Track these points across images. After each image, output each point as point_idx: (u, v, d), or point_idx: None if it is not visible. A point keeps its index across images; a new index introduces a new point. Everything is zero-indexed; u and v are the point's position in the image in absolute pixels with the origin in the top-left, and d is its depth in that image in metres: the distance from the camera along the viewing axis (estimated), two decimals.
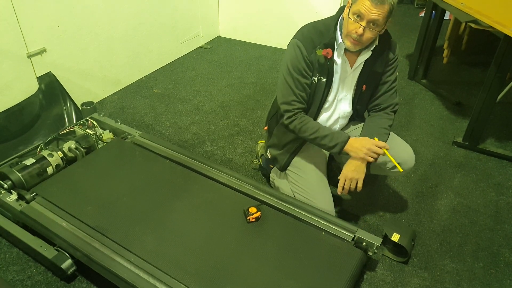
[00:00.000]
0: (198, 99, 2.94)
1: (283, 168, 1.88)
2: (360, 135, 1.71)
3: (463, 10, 2.43)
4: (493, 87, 2.26)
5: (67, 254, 1.55)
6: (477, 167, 2.34)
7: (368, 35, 1.49)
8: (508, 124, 2.75)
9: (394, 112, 1.78)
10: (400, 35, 4.25)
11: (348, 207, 2.02)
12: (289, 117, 1.68)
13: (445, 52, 3.60)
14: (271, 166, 2.04)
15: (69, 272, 1.53)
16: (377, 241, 1.61)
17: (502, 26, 2.07)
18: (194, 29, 3.65)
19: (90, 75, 2.72)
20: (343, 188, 1.67)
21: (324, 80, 1.64)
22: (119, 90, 3.01)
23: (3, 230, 1.71)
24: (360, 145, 1.62)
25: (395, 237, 1.67)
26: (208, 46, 3.79)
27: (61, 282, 1.60)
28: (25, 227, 1.70)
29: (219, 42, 3.92)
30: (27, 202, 1.73)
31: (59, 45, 2.44)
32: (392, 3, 1.44)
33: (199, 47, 3.77)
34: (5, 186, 1.78)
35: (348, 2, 1.53)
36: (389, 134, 1.74)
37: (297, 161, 1.84)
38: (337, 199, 2.06)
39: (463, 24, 3.60)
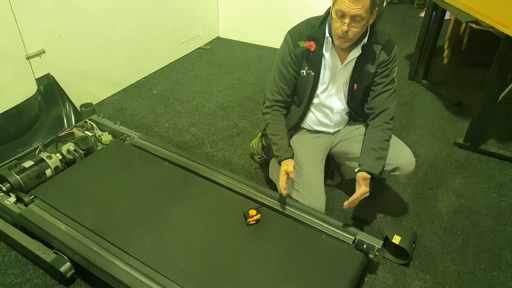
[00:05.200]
0: (198, 100, 2.93)
1: (271, 157, 1.92)
2: (362, 150, 1.71)
3: (463, 11, 2.42)
4: (494, 88, 2.25)
5: (66, 257, 1.54)
6: (478, 168, 2.33)
7: (354, 30, 1.52)
8: (510, 125, 2.74)
9: (390, 122, 1.71)
10: (400, 35, 4.23)
11: (349, 209, 2.01)
12: (267, 107, 1.78)
13: (446, 53, 3.59)
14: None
15: (68, 275, 1.53)
16: (378, 243, 1.60)
17: (503, 27, 2.06)
18: (194, 30, 3.64)
19: (89, 76, 2.71)
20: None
21: (313, 73, 1.69)
22: (118, 91, 3.00)
23: (2, 233, 1.70)
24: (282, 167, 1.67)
25: (396, 239, 1.66)
26: (208, 47, 3.78)
27: (60, 286, 1.59)
28: (23, 230, 1.70)
29: (219, 43, 3.91)
30: (26, 204, 1.73)
31: (58, 47, 2.43)
32: None
33: (199, 48, 3.76)
34: (4, 188, 1.78)
35: (332, 1, 1.56)
36: (387, 151, 1.69)
37: (295, 154, 1.81)
38: (336, 201, 2.06)
39: (464, 24, 3.59)
